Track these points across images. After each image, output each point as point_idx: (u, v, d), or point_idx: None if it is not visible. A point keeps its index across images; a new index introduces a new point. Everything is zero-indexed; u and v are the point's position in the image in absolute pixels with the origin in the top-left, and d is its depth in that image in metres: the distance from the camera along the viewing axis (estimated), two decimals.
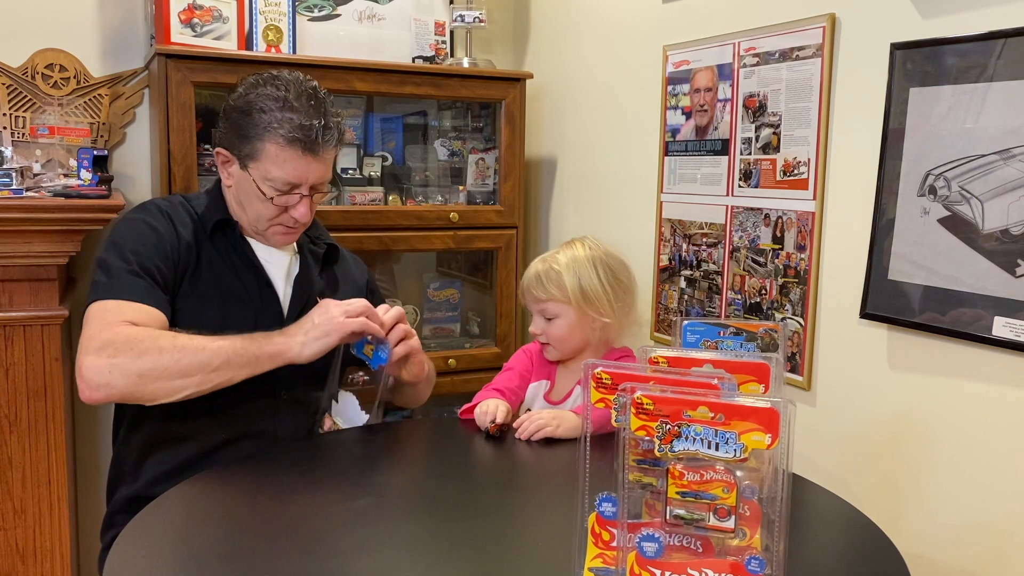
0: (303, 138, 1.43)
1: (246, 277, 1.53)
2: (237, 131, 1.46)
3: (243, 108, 1.45)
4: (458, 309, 2.61)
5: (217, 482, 1.26)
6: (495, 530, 1.12)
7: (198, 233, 1.51)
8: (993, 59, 1.26)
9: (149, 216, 1.49)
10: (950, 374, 1.36)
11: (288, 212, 1.49)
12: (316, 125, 1.43)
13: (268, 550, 1.03)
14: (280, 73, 1.50)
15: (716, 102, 1.82)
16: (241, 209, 1.53)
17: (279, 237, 1.55)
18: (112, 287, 1.39)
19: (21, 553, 1.84)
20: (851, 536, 1.14)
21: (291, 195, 1.47)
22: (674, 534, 0.83)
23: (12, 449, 1.82)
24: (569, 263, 1.59)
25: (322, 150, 1.46)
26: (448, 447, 1.45)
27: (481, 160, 2.45)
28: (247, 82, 1.50)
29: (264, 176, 1.45)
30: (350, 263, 1.76)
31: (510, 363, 1.71)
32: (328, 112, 1.47)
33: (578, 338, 1.60)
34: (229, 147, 1.49)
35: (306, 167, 1.46)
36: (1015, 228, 1.24)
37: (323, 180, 1.51)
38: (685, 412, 0.82)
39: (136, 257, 1.42)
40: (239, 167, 1.48)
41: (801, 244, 1.63)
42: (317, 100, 1.46)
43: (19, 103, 2.09)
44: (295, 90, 1.45)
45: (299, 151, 1.44)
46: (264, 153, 1.44)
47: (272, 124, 1.42)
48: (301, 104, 1.44)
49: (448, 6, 2.45)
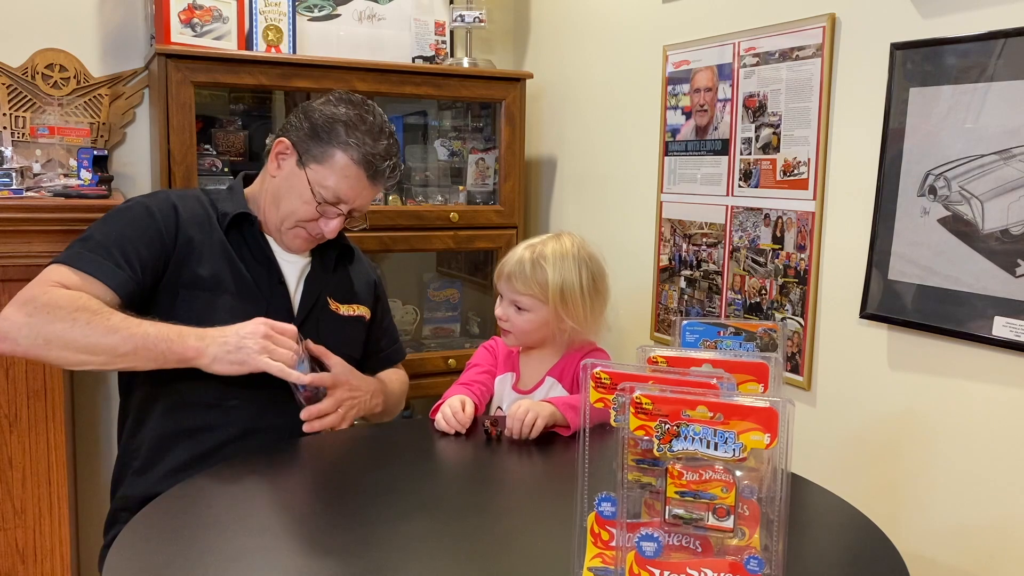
0: (373, 165, 1.51)
1: (259, 273, 1.54)
2: (313, 131, 1.51)
3: (329, 115, 1.52)
4: (458, 309, 2.61)
5: (217, 481, 1.26)
6: (494, 530, 1.12)
7: (213, 226, 1.52)
8: (993, 59, 1.26)
9: (154, 202, 1.50)
10: (950, 374, 1.36)
11: (319, 222, 1.53)
12: (388, 162, 1.53)
13: (268, 550, 1.03)
14: (369, 102, 1.57)
15: (716, 102, 1.82)
16: (273, 205, 1.54)
17: (297, 242, 1.57)
18: (79, 257, 1.39)
19: (21, 553, 1.84)
20: (851, 536, 1.14)
21: (332, 208, 1.52)
22: (673, 534, 0.83)
23: (12, 449, 1.82)
24: (556, 259, 1.55)
25: (380, 183, 1.55)
26: (447, 447, 1.45)
27: (481, 160, 2.45)
28: (336, 94, 1.57)
29: (320, 181, 1.50)
30: (364, 264, 1.77)
31: (474, 360, 1.70)
32: (398, 155, 1.58)
33: (541, 334, 1.59)
34: (295, 141, 1.53)
35: (360, 190, 1.53)
36: (1015, 228, 1.24)
37: (364, 208, 1.58)
38: (684, 412, 0.82)
39: (119, 239, 1.42)
40: (296, 162, 1.52)
41: (801, 244, 1.63)
42: (393, 140, 1.56)
43: (19, 103, 2.09)
44: (379, 122, 1.54)
45: (364, 174, 1.51)
46: (332, 161, 1.50)
47: (352, 140, 1.49)
48: (383, 138, 1.53)
49: (448, 6, 2.45)
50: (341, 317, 1.63)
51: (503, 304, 1.60)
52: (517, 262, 1.57)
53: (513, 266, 1.57)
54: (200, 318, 1.42)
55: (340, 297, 1.65)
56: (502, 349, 1.69)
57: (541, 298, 1.55)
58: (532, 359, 1.65)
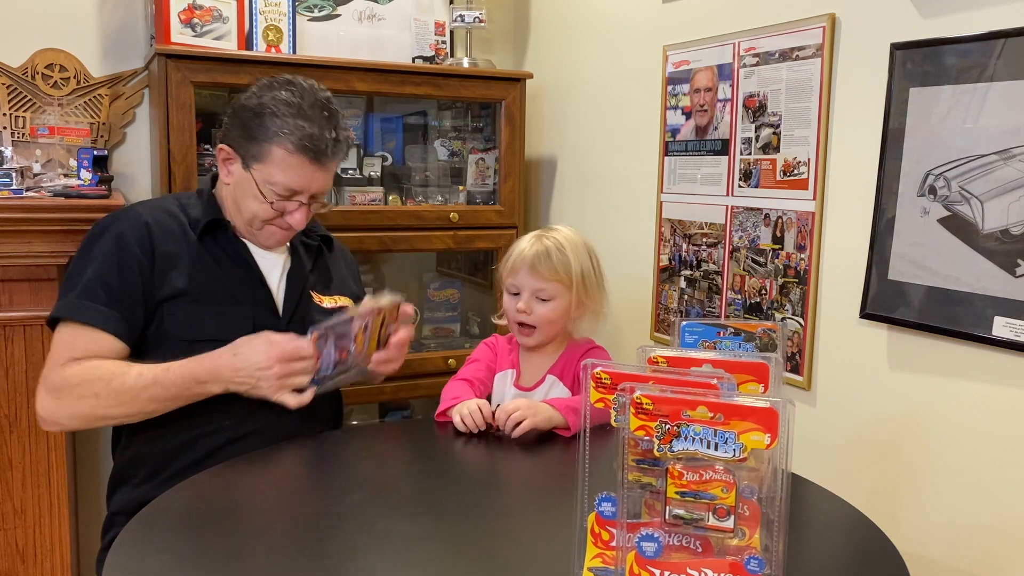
0: (312, 148, 1.44)
1: (241, 277, 1.52)
2: (245, 131, 1.46)
3: (254, 109, 1.45)
4: (458, 309, 2.61)
5: (216, 482, 1.26)
6: (494, 530, 1.12)
7: (188, 236, 1.50)
8: (993, 59, 1.26)
9: (126, 225, 1.47)
10: (950, 374, 1.36)
11: (284, 217, 1.50)
12: (327, 137, 1.45)
13: (268, 550, 1.03)
14: (295, 79, 1.50)
15: (716, 102, 1.82)
16: (236, 209, 1.52)
17: (272, 239, 1.54)
18: (76, 308, 1.41)
19: (21, 553, 1.84)
20: (851, 536, 1.14)
21: (290, 201, 1.48)
22: (673, 534, 0.83)
23: (12, 449, 1.82)
24: (571, 245, 1.58)
25: (328, 162, 1.48)
26: (447, 447, 1.45)
27: (481, 160, 2.45)
28: (261, 83, 1.50)
29: (267, 179, 1.45)
30: (342, 254, 1.75)
31: (474, 355, 1.70)
32: (339, 125, 1.48)
33: (561, 324, 1.60)
34: (234, 145, 1.49)
35: (310, 176, 1.46)
36: (1015, 228, 1.24)
37: (324, 190, 1.52)
38: (684, 412, 0.82)
39: (101, 277, 1.42)
40: (241, 166, 1.48)
41: (801, 244, 1.63)
42: (330, 112, 1.47)
43: (19, 103, 2.09)
44: (309, 99, 1.46)
45: (306, 160, 1.45)
46: (271, 157, 1.45)
47: (283, 130, 1.43)
48: (315, 114, 1.44)
49: (448, 6, 2.45)
50: (325, 310, 1.60)
51: (524, 298, 1.58)
52: (538, 252, 1.56)
53: (535, 256, 1.56)
54: (188, 330, 1.43)
55: (323, 289, 1.63)
56: (502, 346, 1.69)
57: (567, 284, 1.56)
58: (533, 356, 1.64)
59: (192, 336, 1.44)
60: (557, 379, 1.61)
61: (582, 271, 1.57)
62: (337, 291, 1.66)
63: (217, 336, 1.43)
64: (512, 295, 1.60)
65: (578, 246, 1.59)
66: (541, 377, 1.62)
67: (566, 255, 1.56)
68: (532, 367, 1.64)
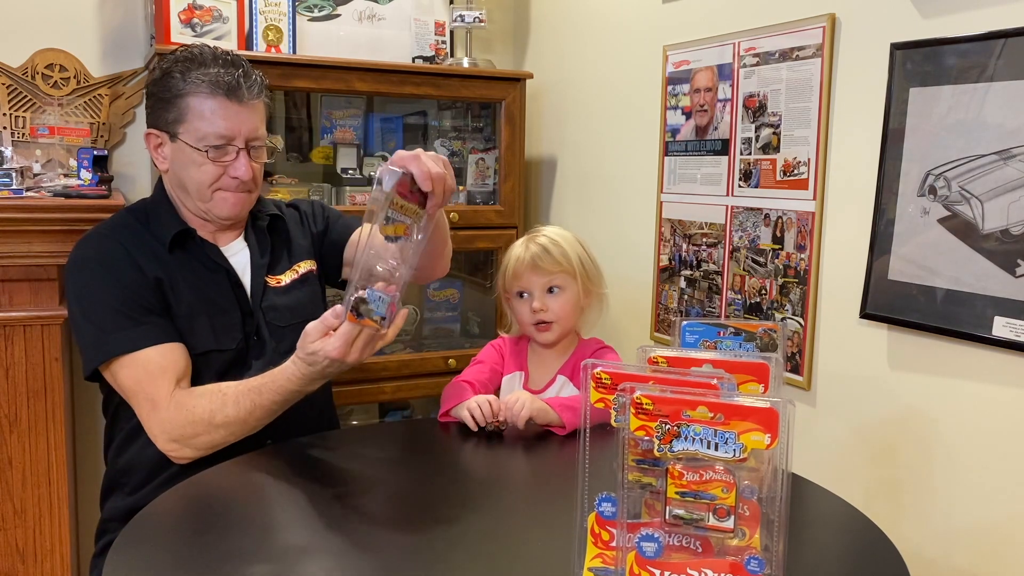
0: (224, 84, 1.42)
1: (220, 282, 1.50)
2: (159, 101, 1.45)
3: (159, 79, 1.45)
4: (458, 309, 2.61)
5: (211, 485, 1.26)
6: (494, 530, 1.12)
7: (159, 254, 1.47)
8: (993, 59, 1.26)
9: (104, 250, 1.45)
10: (950, 374, 1.36)
11: (228, 173, 1.46)
12: (236, 73, 1.43)
13: (268, 550, 1.03)
14: (191, 45, 1.50)
15: (716, 102, 1.82)
16: (183, 192, 1.49)
17: (227, 205, 1.48)
18: (118, 341, 1.38)
19: (21, 553, 1.84)
20: (851, 536, 1.14)
21: (226, 151, 1.44)
22: (673, 534, 0.83)
23: (12, 449, 1.82)
24: (561, 238, 1.63)
25: (246, 97, 1.45)
26: (447, 447, 1.45)
27: (481, 160, 2.45)
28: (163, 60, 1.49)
29: (196, 136, 1.43)
30: (295, 216, 1.69)
31: (480, 357, 1.70)
32: (244, 64, 1.47)
33: (575, 317, 1.63)
34: (156, 123, 1.47)
35: (235, 116, 1.44)
36: (1015, 228, 1.24)
37: (256, 134, 1.48)
38: (684, 412, 0.82)
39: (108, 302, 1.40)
40: (169, 140, 1.46)
41: (801, 244, 1.63)
42: (232, 57, 1.47)
43: (19, 103, 2.09)
44: (208, 52, 1.46)
45: (224, 99, 1.42)
46: (189, 111, 1.42)
47: (191, 81, 1.42)
48: (216, 60, 1.44)
49: (448, 6, 2.45)
50: (281, 288, 1.57)
51: (537, 296, 1.60)
52: (536, 251, 1.60)
53: (534, 255, 1.60)
54: (188, 345, 1.43)
55: (278, 269, 1.59)
56: (509, 348, 1.69)
57: (571, 272, 1.60)
58: (542, 357, 1.65)
59: (192, 351, 1.44)
60: (568, 380, 1.61)
61: (580, 258, 1.61)
62: (298, 259, 1.62)
63: (215, 347, 1.46)
64: (521, 299, 1.62)
65: (568, 238, 1.64)
66: (551, 378, 1.62)
67: (562, 247, 1.61)
68: (542, 368, 1.65)
